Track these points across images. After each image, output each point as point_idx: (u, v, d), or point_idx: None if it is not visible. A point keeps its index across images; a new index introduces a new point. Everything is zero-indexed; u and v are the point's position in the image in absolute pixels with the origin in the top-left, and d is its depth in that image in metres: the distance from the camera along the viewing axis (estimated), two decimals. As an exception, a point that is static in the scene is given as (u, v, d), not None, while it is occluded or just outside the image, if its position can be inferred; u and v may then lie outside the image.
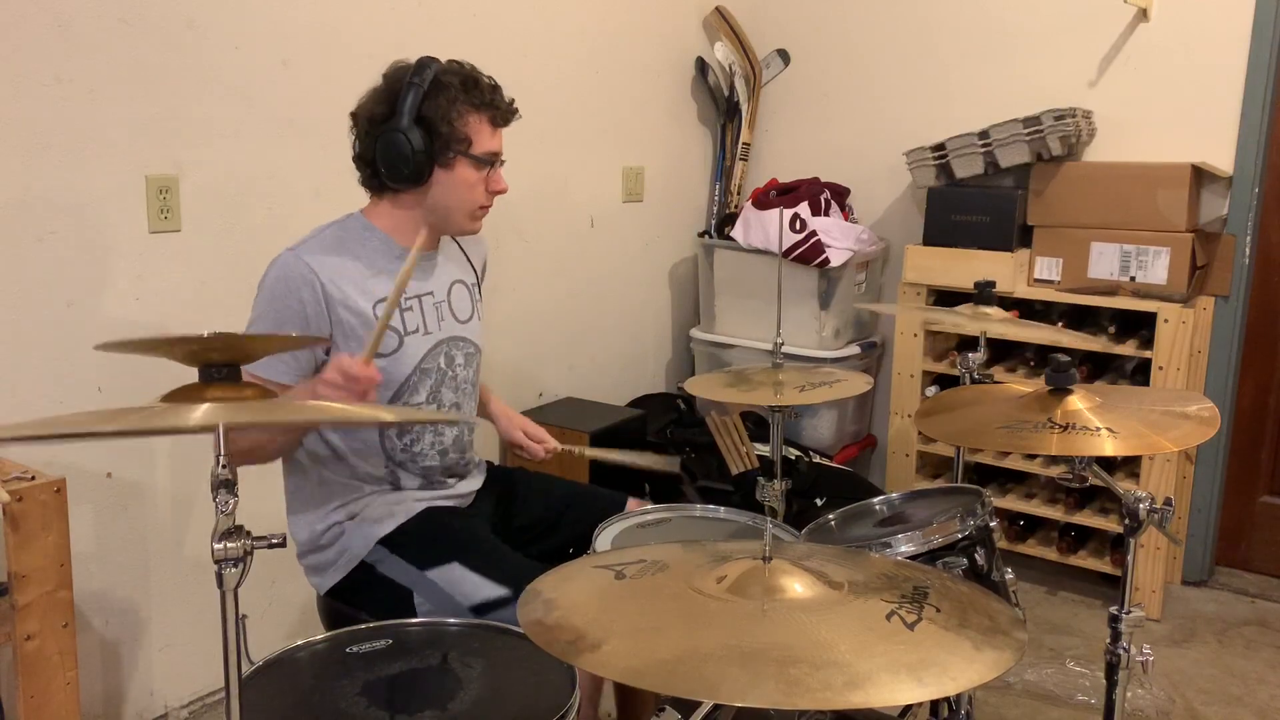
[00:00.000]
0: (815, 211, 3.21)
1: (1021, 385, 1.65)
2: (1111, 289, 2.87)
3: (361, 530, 1.73)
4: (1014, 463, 3.04)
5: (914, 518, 1.72)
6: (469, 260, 1.94)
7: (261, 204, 2.36)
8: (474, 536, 1.77)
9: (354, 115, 1.75)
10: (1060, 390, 1.49)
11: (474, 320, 1.90)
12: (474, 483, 1.92)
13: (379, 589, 1.72)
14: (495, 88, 1.75)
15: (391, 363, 1.73)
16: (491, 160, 1.75)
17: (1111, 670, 1.49)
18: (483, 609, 1.63)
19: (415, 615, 1.67)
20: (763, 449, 2.74)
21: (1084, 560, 2.99)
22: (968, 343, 3.02)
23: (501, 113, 1.75)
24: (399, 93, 1.67)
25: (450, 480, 1.86)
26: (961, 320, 2.01)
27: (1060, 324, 2.87)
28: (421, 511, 1.78)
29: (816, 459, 3.19)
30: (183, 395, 1.01)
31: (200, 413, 0.96)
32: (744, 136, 3.61)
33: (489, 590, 1.64)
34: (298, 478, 1.78)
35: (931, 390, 3.16)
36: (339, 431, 1.73)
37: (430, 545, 1.72)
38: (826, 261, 3.13)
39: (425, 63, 1.70)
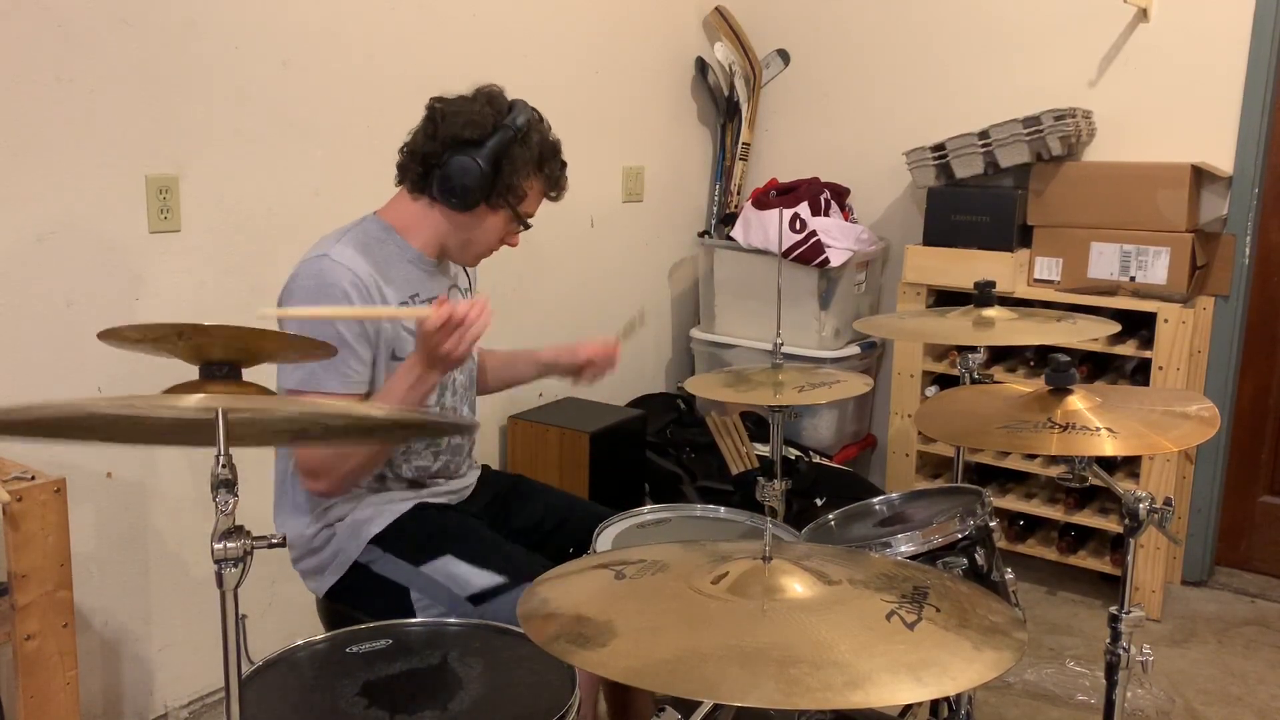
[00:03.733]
0: (815, 211, 3.21)
1: (1021, 385, 1.65)
2: (1111, 289, 2.87)
3: (353, 531, 1.73)
4: (1014, 463, 3.04)
5: (914, 518, 1.72)
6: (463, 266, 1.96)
7: (261, 204, 2.36)
8: (466, 528, 1.78)
9: (438, 113, 1.72)
10: (1060, 390, 1.49)
11: None
12: (467, 480, 1.93)
13: (375, 589, 1.72)
14: (565, 165, 1.82)
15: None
16: (525, 222, 1.80)
17: (1111, 670, 1.49)
18: (480, 598, 1.63)
19: (413, 613, 1.68)
20: (763, 449, 2.74)
21: (1084, 560, 2.99)
22: (968, 343, 3.01)
23: (558, 191, 1.82)
24: (494, 127, 1.70)
25: (440, 480, 1.86)
26: (958, 331, 2.01)
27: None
28: (412, 508, 1.78)
29: (816, 459, 3.19)
30: (182, 390, 1.01)
31: (197, 399, 0.94)
32: (744, 136, 3.61)
33: (484, 579, 1.65)
34: (282, 478, 1.78)
35: (931, 390, 3.16)
36: None
37: (423, 540, 1.73)
38: (826, 261, 3.13)
39: (522, 108, 1.74)
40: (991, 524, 1.63)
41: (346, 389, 1.64)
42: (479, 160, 1.68)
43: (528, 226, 1.81)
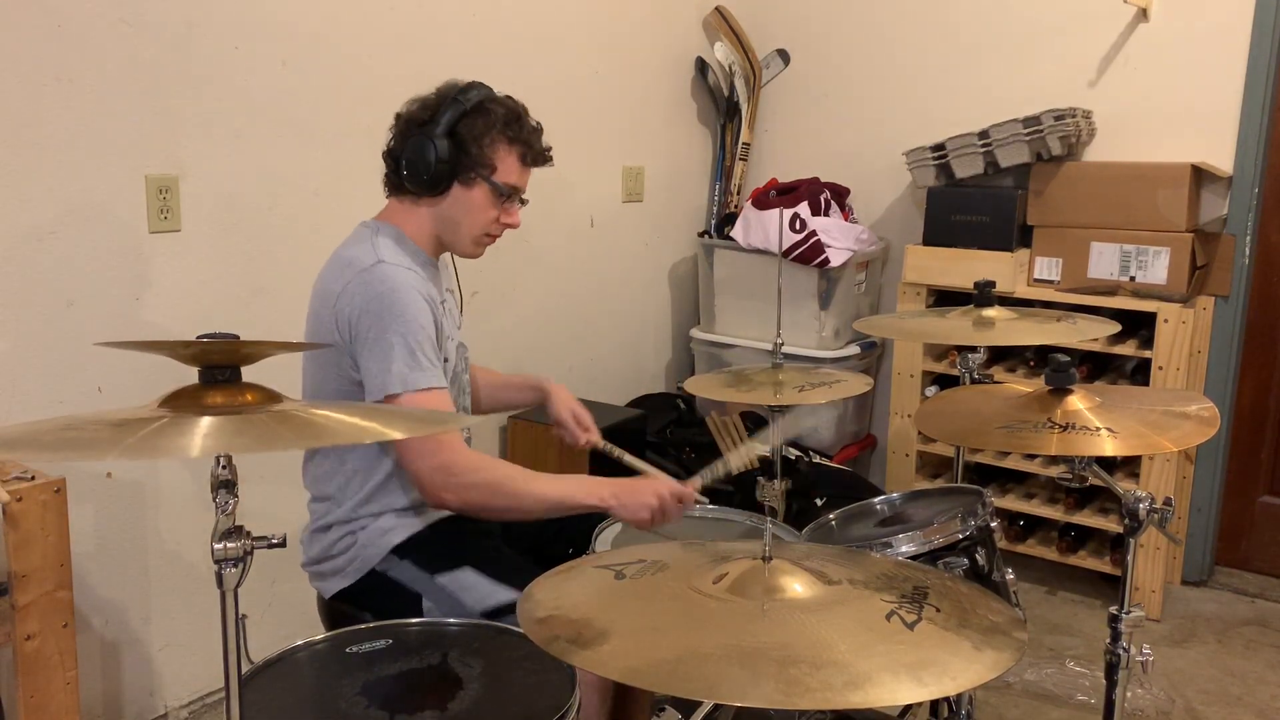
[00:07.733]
0: (815, 211, 3.21)
1: (1021, 385, 1.65)
2: (1111, 289, 2.87)
3: (374, 540, 1.73)
4: (1014, 463, 3.04)
5: (914, 518, 1.73)
6: (453, 267, 1.96)
7: (261, 204, 2.36)
8: (484, 542, 1.78)
9: (397, 116, 1.77)
10: (1060, 390, 1.49)
11: (462, 326, 1.92)
12: None
13: (386, 593, 1.71)
14: (537, 130, 1.79)
15: (448, 367, 1.75)
16: (511, 193, 1.77)
17: (1111, 670, 1.49)
18: (494, 614, 1.62)
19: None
20: (763, 449, 2.74)
21: (1084, 560, 2.99)
22: (968, 343, 3.01)
23: (533, 152, 1.78)
24: (443, 104, 1.72)
25: None
26: (958, 331, 2.01)
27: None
28: (435, 520, 1.78)
29: (816, 459, 3.19)
30: (182, 398, 1.01)
31: (200, 440, 0.93)
32: (744, 136, 3.61)
33: (501, 595, 1.64)
34: (333, 464, 1.76)
35: (931, 390, 3.16)
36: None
37: (441, 550, 1.72)
38: (826, 261, 3.13)
39: (475, 85, 1.74)
40: (993, 524, 1.63)
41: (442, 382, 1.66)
42: (433, 137, 1.69)
43: (522, 201, 1.79)
